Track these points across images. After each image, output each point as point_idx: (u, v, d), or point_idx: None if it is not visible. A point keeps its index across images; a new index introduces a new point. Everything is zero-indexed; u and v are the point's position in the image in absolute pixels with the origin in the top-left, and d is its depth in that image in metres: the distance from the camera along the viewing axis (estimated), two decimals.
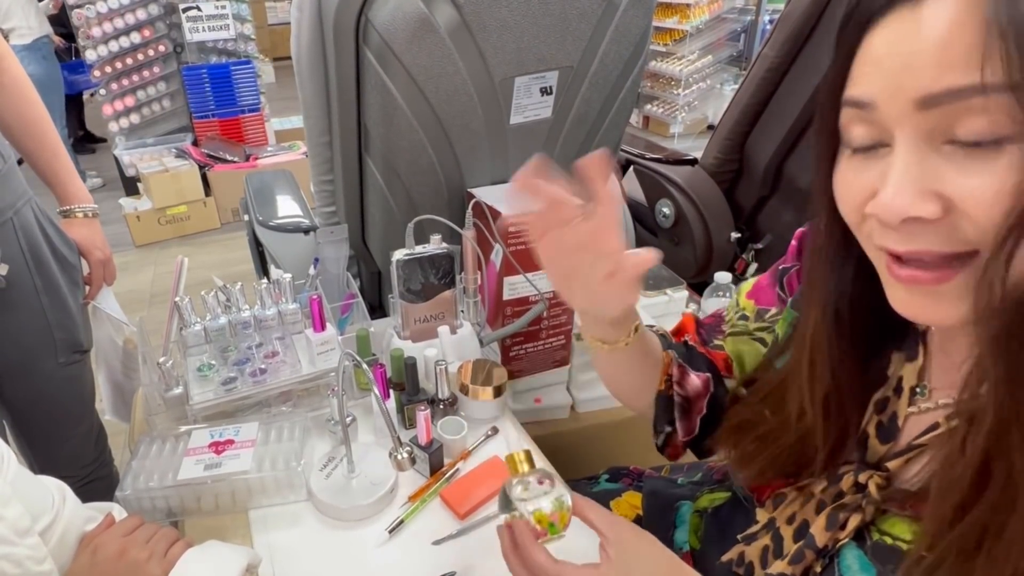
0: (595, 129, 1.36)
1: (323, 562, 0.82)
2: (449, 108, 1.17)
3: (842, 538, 0.56)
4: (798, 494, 0.62)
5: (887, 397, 0.58)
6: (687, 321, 0.86)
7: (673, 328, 0.88)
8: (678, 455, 0.82)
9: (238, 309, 1.06)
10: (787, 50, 1.55)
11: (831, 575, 0.57)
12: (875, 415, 0.58)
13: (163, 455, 0.91)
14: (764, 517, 0.65)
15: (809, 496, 0.60)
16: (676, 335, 0.85)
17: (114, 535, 0.69)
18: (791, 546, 0.59)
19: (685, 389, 0.78)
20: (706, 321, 0.86)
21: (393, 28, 1.05)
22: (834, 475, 0.58)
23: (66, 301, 1.17)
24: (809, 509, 0.59)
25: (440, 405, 1.01)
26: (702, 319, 0.87)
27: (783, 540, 0.61)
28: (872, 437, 0.58)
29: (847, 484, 0.56)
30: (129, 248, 3.76)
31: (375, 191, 1.28)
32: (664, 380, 0.79)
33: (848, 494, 0.56)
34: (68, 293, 1.18)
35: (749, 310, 0.78)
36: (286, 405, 1.03)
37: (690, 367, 0.79)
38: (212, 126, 4.26)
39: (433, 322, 1.11)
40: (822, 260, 0.58)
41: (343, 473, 0.90)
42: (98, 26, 3.85)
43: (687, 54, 5.28)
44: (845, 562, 0.56)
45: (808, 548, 0.57)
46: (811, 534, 0.57)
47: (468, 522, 0.86)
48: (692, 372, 0.78)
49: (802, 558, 0.58)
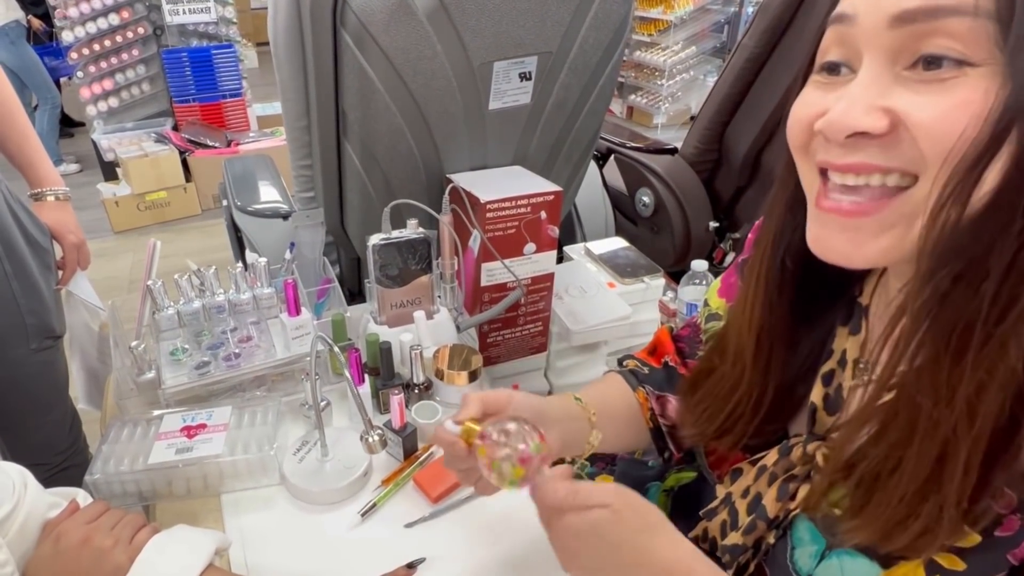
0: (574, 116, 1.36)
1: (295, 545, 0.82)
2: (427, 92, 1.16)
3: (792, 508, 0.57)
4: (752, 468, 0.63)
5: (833, 370, 0.59)
6: (663, 339, 0.86)
7: (648, 347, 0.88)
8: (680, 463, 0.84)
9: (212, 293, 1.06)
10: (766, 40, 1.56)
11: (784, 546, 0.58)
12: (822, 387, 0.59)
13: (134, 439, 0.90)
14: (722, 492, 0.66)
15: (763, 470, 0.61)
16: (654, 356, 0.86)
17: (78, 522, 0.67)
18: (745, 518, 0.61)
19: (669, 417, 0.80)
20: (682, 334, 0.86)
21: (371, 10, 1.04)
22: (785, 447, 0.60)
23: (37, 286, 1.15)
24: (762, 482, 0.61)
25: (415, 390, 1.01)
26: (677, 332, 0.87)
27: (738, 513, 0.62)
28: (820, 409, 0.59)
29: (796, 455, 0.58)
30: (107, 234, 3.71)
31: (353, 176, 1.27)
32: (648, 418, 0.80)
33: (798, 465, 0.57)
34: (40, 278, 1.16)
35: (722, 309, 0.78)
36: (260, 390, 1.03)
37: (671, 393, 0.80)
38: (193, 111, 4.20)
39: (410, 307, 1.11)
40: (778, 202, 0.59)
41: (316, 457, 0.90)
42: (75, 6, 3.78)
43: (671, 44, 5.28)
44: (797, 533, 0.57)
45: (760, 519, 0.59)
46: (763, 505, 0.59)
47: (440, 505, 0.86)
48: (672, 398, 0.80)
49: (754, 528, 0.59)
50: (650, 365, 0.84)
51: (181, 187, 3.85)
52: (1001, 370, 0.42)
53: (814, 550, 0.56)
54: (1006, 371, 0.42)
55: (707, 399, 0.66)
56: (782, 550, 0.58)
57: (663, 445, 0.82)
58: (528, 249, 1.15)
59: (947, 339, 0.44)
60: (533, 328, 1.23)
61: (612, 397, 0.81)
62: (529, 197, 1.11)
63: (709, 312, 0.80)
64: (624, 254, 1.47)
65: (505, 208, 1.10)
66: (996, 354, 0.42)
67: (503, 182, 1.20)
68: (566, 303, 1.31)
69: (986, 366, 0.43)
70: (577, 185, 1.58)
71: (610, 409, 0.78)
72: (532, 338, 1.25)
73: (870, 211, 0.46)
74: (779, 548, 0.58)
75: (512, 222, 1.12)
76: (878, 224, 0.46)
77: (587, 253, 1.50)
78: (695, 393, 0.69)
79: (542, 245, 1.16)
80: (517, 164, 1.36)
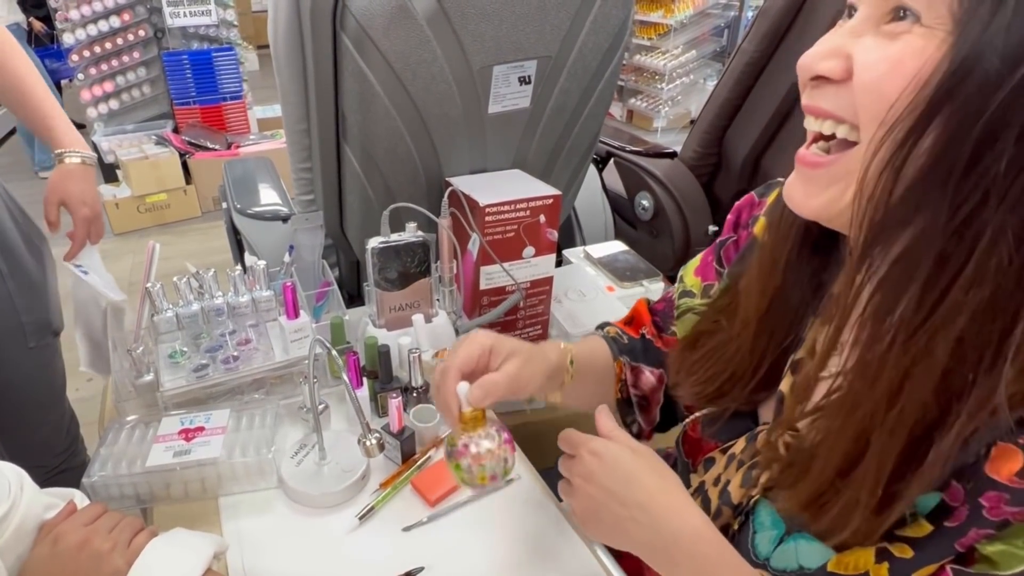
0: (574, 120, 1.36)
1: (293, 549, 0.82)
2: (427, 96, 1.16)
3: (755, 494, 0.58)
4: (723, 456, 0.64)
5: (801, 359, 0.60)
6: (641, 310, 0.88)
7: (626, 317, 0.89)
8: (650, 437, 0.85)
9: (211, 296, 1.06)
10: (765, 45, 1.56)
11: (746, 530, 0.59)
12: (791, 375, 0.60)
13: (132, 442, 0.90)
14: (696, 481, 0.67)
15: (731, 458, 0.62)
16: (632, 326, 0.87)
17: (75, 524, 0.66)
18: (715, 505, 0.62)
19: (641, 388, 0.82)
20: (657, 307, 0.87)
21: (370, 14, 1.04)
22: (752, 436, 0.61)
23: (34, 284, 1.15)
24: (731, 469, 0.61)
25: (413, 393, 1.01)
26: (653, 304, 0.88)
27: (711, 501, 0.63)
28: (788, 397, 0.59)
29: (761, 442, 0.59)
30: (107, 236, 3.65)
31: (353, 179, 1.27)
32: (619, 388, 0.82)
33: (761, 452, 0.58)
34: (37, 276, 1.16)
35: (696, 287, 0.79)
36: (259, 392, 1.03)
37: (645, 364, 0.81)
38: (193, 113, 4.21)
39: (409, 310, 1.11)
40: None
41: (314, 460, 0.90)
42: (76, 8, 3.78)
43: (671, 48, 5.29)
44: (759, 518, 0.58)
45: (725, 505, 0.60)
46: (728, 491, 0.60)
47: (438, 509, 0.86)
48: (647, 370, 0.81)
49: (720, 515, 0.60)
50: (628, 335, 0.86)
51: (181, 189, 3.85)
52: (925, 364, 0.43)
53: (774, 534, 0.56)
54: (932, 365, 0.43)
55: (709, 359, 0.66)
56: (745, 535, 0.59)
57: (631, 418, 0.83)
58: (527, 253, 1.15)
59: (879, 324, 0.45)
60: (532, 331, 1.23)
61: (597, 355, 0.83)
62: (528, 201, 1.11)
63: (683, 289, 0.81)
64: (623, 258, 1.47)
65: (504, 212, 1.10)
66: (923, 348, 0.43)
67: (502, 185, 1.20)
68: (565, 307, 1.31)
69: (911, 357, 0.44)
70: (576, 189, 1.58)
71: (589, 366, 0.81)
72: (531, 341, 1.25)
73: (823, 163, 0.48)
74: (743, 533, 0.59)
75: (511, 225, 1.12)
76: (828, 177, 0.47)
77: (586, 257, 1.50)
78: (695, 351, 0.69)
79: (541, 249, 1.16)
80: (516, 168, 1.36)
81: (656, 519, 0.56)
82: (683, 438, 0.76)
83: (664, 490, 0.57)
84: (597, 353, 0.83)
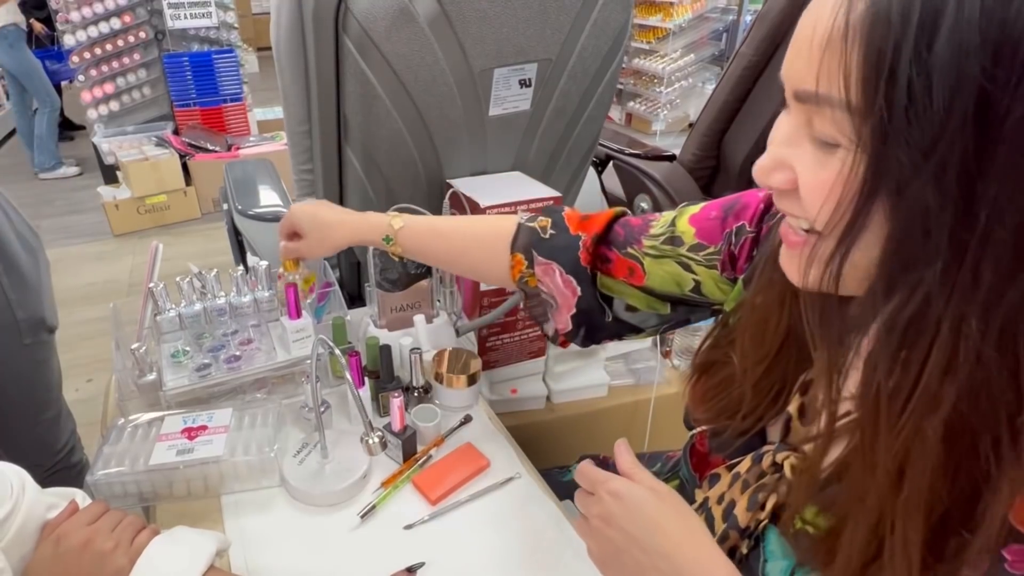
0: (574, 122, 1.37)
1: (295, 547, 0.82)
2: (428, 98, 1.17)
3: (762, 519, 0.57)
4: (728, 473, 0.63)
5: (812, 380, 0.58)
6: (600, 219, 0.82)
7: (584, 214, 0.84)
8: (565, 345, 0.87)
9: (213, 296, 1.06)
10: (764, 49, 1.57)
11: (756, 557, 0.57)
12: (799, 396, 0.59)
13: (135, 440, 0.90)
14: (700, 497, 0.66)
15: (736, 476, 0.61)
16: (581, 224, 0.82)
17: (78, 524, 0.66)
18: (720, 525, 0.60)
19: (548, 286, 0.82)
20: (632, 222, 0.81)
21: (372, 16, 1.05)
22: (758, 455, 0.60)
23: (28, 281, 1.16)
24: (736, 489, 0.60)
25: (415, 393, 1.02)
26: (627, 218, 0.82)
27: (714, 519, 0.62)
28: (795, 418, 0.58)
29: (766, 464, 0.58)
30: (107, 237, 3.71)
31: (354, 180, 1.28)
32: (517, 277, 0.84)
33: (768, 474, 0.57)
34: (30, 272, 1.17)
35: (688, 237, 0.74)
36: (261, 392, 1.03)
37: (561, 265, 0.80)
38: (193, 115, 4.22)
39: (409, 311, 1.12)
40: None
41: (316, 459, 0.90)
42: (76, 10, 3.79)
43: (670, 52, 5.31)
44: (770, 547, 0.57)
45: (732, 528, 0.58)
46: (734, 514, 0.59)
47: (439, 507, 0.86)
48: (556, 267, 0.80)
49: (727, 538, 0.59)
50: (565, 229, 0.81)
51: (181, 191, 3.86)
52: (920, 450, 0.43)
53: (785, 565, 0.55)
54: (926, 452, 0.42)
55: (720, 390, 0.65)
56: (756, 561, 0.58)
57: (540, 312, 0.85)
58: None
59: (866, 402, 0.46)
60: (532, 333, 1.24)
61: (482, 231, 0.89)
62: (528, 202, 1.12)
63: (673, 233, 0.75)
64: None
65: (504, 213, 1.11)
66: (911, 433, 0.43)
67: (503, 187, 1.21)
68: None
69: (903, 442, 0.43)
70: (576, 191, 1.59)
71: (473, 239, 0.88)
72: (531, 342, 1.26)
73: (799, 243, 0.49)
74: (753, 558, 0.58)
75: None
76: (807, 260, 0.48)
77: None
78: (704, 380, 0.68)
79: None
80: (517, 170, 1.37)
81: (680, 570, 0.53)
82: (691, 451, 0.75)
83: (689, 540, 0.55)
84: (493, 229, 0.87)
